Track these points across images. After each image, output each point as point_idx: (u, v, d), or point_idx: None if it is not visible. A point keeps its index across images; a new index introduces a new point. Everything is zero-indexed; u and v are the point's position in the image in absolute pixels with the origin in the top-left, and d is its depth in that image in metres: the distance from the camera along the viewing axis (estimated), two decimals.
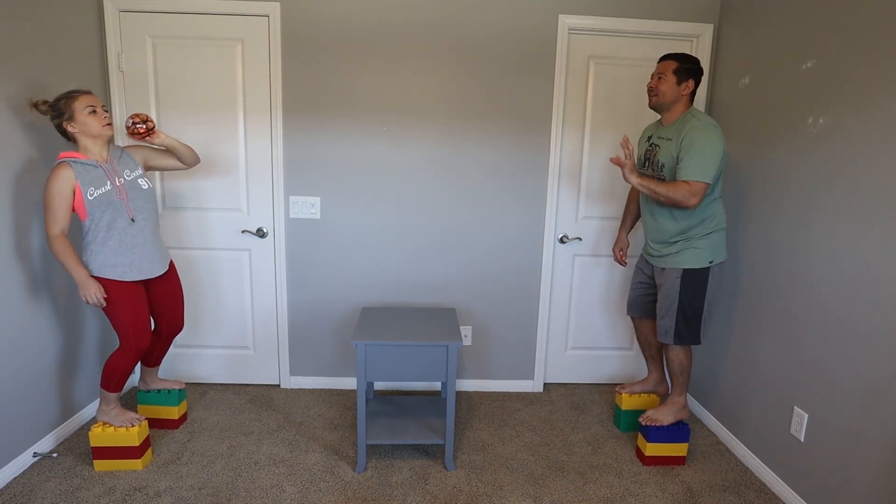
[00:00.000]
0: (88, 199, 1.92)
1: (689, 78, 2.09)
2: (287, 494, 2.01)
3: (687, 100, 2.12)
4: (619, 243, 2.56)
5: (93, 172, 1.95)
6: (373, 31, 2.55)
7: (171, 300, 2.26)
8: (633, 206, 2.52)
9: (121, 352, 2.07)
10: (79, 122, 1.92)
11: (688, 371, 2.25)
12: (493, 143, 2.68)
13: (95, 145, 1.98)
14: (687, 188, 1.97)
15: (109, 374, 2.08)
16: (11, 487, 1.99)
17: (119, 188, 2.00)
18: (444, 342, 2.08)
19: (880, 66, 1.67)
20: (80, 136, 1.95)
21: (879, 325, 1.65)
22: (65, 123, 1.93)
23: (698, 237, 2.12)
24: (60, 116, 1.92)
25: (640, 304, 2.42)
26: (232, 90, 2.59)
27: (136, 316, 2.05)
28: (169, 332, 2.31)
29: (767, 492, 2.11)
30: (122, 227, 2.01)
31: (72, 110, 1.91)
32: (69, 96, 1.93)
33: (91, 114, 1.94)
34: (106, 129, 1.97)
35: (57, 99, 1.93)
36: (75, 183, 1.90)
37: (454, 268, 2.81)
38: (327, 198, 2.70)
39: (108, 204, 1.96)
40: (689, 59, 2.10)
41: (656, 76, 2.12)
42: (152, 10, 2.49)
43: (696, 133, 2.00)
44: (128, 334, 2.04)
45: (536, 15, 2.57)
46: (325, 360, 2.89)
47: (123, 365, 2.08)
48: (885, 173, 1.64)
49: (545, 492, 2.07)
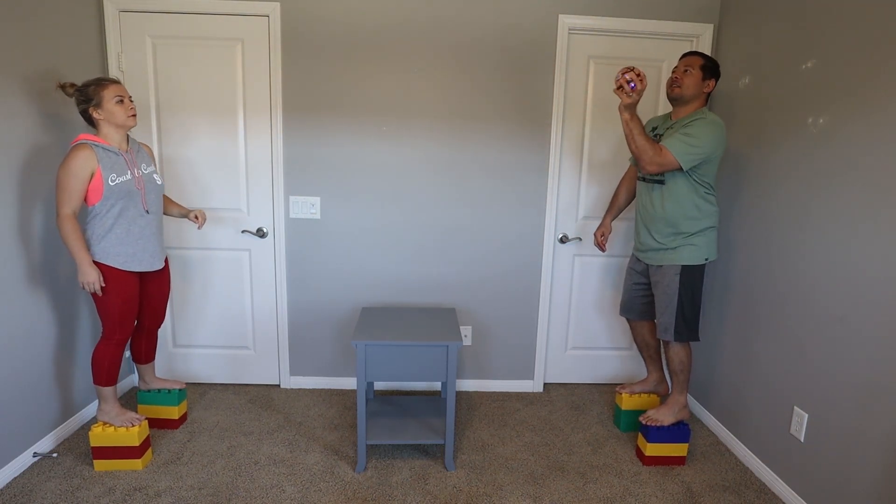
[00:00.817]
0: (109, 185, 1.94)
1: (712, 77, 2.12)
2: (287, 494, 2.01)
3: (704, 98, 2.14)
4: (601, 227, 2.52)
5: (115, 159, 1.98)
6: (373, 31, 2.55)
7: (160, 295, 2.28)
8: (622, 193, 2.50)
9: (103, 342, 2.08)
10: (106, 109, 1.95)
11: (688, 369, 2.25)
12: (492, 142, 2.68)
13: (117, 134, 2.01)
14: (659, 154, 1.98)
15: (97, 367, 2.09)
16: (11, 487, 1.99)
17: (138, 179, 2.04)
18: (444, 342, 2.08)
19: (880, 66, 1.67)
20: (103, 124, 1.98)
21: (879, 325, 1.65)
22: (91, 109, 1.95)
23: (695, 234, 2.12)
24: (88, 102, 1.94)
25: (637, 306, 2.42)
26: (232, 90, 2.59)
27: (126, 307, 2.07)
28: (151, 325, 2.33)
29: (767, 492, 2.11)
30: (133, 218, 2.03)
31: (100, 97, 1.94)
32: (99, 83, 1.95)
33: (118, 103, 1.97)
34: (130, 120, 2.01)
35: (86, 84, 1.95)
36: (97, 166, 1.92)
37: (454, 268, 2.81)
38: (327, 198, 2.70)
39: (126, 193, 1.99)
40: (714, 61, 2.14)
41: (682, 68, 2.12)
42: (152, 10, 2.49)
43: (699, 124, 2.04)
44: (112, 323, 2.05)
45: (536, 15, 2.57)
46: (325, 360, 2.89)
47: (107, 354, 2.08)
48: (885, 173, 1.64)
49: (545, 492, 2.07)
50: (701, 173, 2.07)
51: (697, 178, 2.08)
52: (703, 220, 2.12)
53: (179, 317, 2.82)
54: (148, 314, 2.28)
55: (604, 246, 2.54)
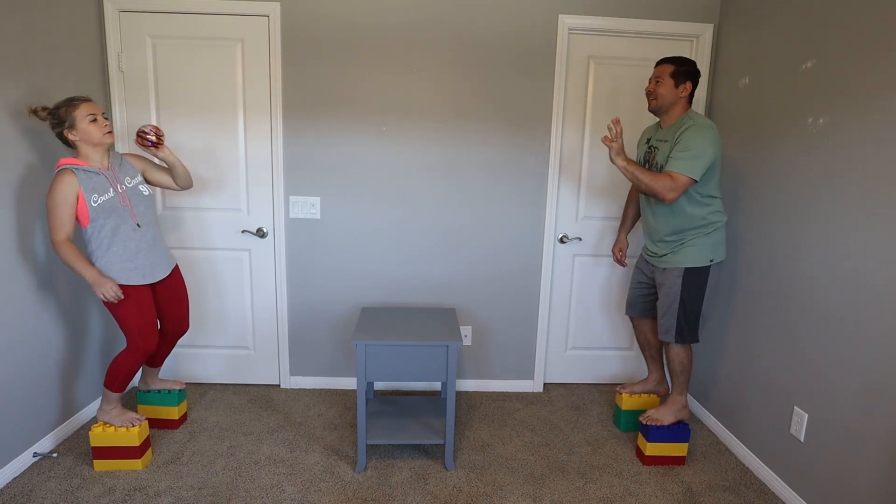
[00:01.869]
0: (92, 206, 1.92)
1: (687, 80, 2.10)
2: (287, 494, 2.01)
3: (685, 102, 2.13)
4: (618, 244, 2.58)
5: (95, 179, 1.95)
6: (373, 31, 2.55)
7: (175, 302, 2.27)
8: (632, 207, 2.54)
9: (128, 352, 2.07)
10: (80, 130, 1.91)
11: (688, 370, 2.25)
12: (493, 142, 2.68)
13: (96, 153, 1.97)
14: (669, 181, 1.98)
15: (114, 373, 2.08)
16: (11, 487, 1.99)
17: (122, 195, 2.01)
18: (444, 342, 2.08)
19: (880, 66, 1.67)
20: (80, 144, 1.94)
21: (879, 326, 1.65)
22: (65, 131, 1.92)
23: (698, 236, 2.13)
24: (62, 125, 1.91)
25: (640, 305, 2.43)
26: (232, 90, 2.59)
27: (144, 317, 2.06)
28: (175, 332, 2.32)
29: (767, 492, 2.11)
30: (127, 234, 2.01)
31: (73, 118, 1.90)
32: (70, 104, 1.91)
33: (92, 122, 1.93)
34: (107, 138, 1.97)
35: (57, 106, 1.92)
36: (79, 189, 1.90)
37: (454, 268, 2.81)
38: (327, 198, 2.70)
39: (111, 211, 1.97)
40: (686, 62, 2.10)
41: (654, 80, 2.13)
42: (152, 10, 2.49)
43: (691, 132, 2.02)
44: (134, 335, 2.05)
45: (536, 15, 2.57)
46: (325, 361, 2.89)
47: (129, 364, 2.08)
48: (885, 173, 1.64)
49: (545, 492, 2.07)
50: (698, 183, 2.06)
51: (693, 189, 2.07)
52: (704, 224, 2.12)
53: None
54: (169, 321, 2.28)
55: (623, 261, 2.59)
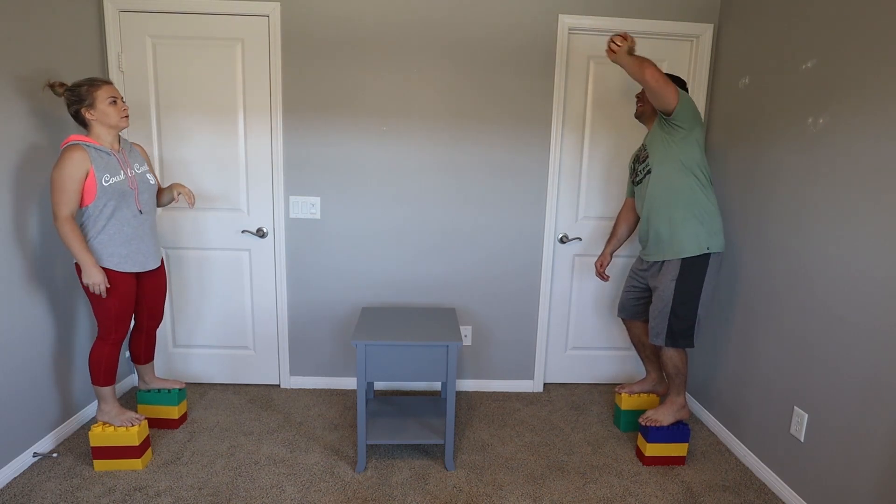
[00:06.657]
0: (103, 186, 1.94)
1: None
2: (287, 494, 2.01)
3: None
4: (601, 257, 2.54)
5: (107, 160, 1.97)
6: (373, 31, 2.55)
7: (156, 294, 2.28)
8: (622, 227, 2.49)
9: (99, 342, 2.08)
10: (99, 110, 1.94)
11: (683, 373, 2.25)
12: (492, 142, 2.68)
13: (109, 134, 2.00)
14: (675, 91, 2.03)
15: (95, 367, 2.08)
16: (11, 487, 1.99)
17: (132, 178, 2.04)
18: (444, 342, 2.08)
19: (880, 66, 1.67)
20: (95, 124, 1.96)
21: (879, 325, 1.65)
22: (84, 110, 1.94)
23: (689, 218, 2.11)
24: (80, 102, 1.93)
25: (630, 307, 2.44)
26: (232, 90, 2.59)
27: (122, 307, 2.06)
28: (150, 324, 2.33)
29: (767, 492, 2.11)
30: (126, 218, 2.03)
31: (94, 98, 1.93)
32: (92, 84, 1.94)
33: (112, 104, 1.96)
34: (123, 122, 2.01)
35: (78, 84, 1.94)
36: (90, 167, 1.91)
37: (454, 268, 2.81)
38: (327, 198, 2.70)
39: (120, 193, 1.99)
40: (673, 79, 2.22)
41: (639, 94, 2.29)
42: (152, 10, 2.49)
43: None
44: (109, 323, 2.05)
45: (536, 15, 2.57)
46: (325, 360, 2.89)
47: (105, 354, 2.08)
48: (885, 173, 1.64)
49: (545, 492, 2.07)
50: (684, 156, 2.09)
51: (683, 160, 2.10)
52: (693, 202, 2.11)
53: (179, 317, 2.82)
54: (146, 314, 2.28)
55: (604, 275, 2.55)
